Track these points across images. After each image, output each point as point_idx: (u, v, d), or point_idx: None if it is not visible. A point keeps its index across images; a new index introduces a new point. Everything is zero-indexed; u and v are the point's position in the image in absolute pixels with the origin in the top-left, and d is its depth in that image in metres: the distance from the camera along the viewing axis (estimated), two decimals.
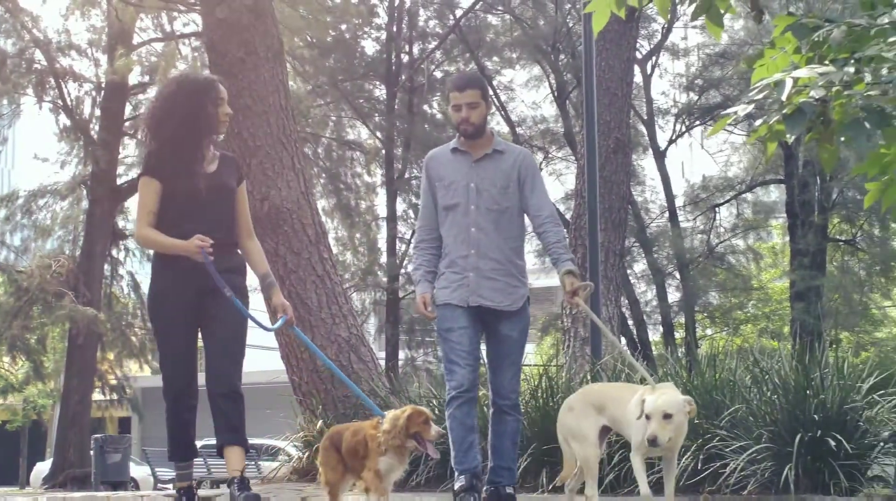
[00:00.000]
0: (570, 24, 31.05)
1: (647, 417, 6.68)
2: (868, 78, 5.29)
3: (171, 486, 17.43)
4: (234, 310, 7.31)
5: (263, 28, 12.62)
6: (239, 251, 7.60)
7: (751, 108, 5.66)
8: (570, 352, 16.25)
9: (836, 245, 32.39)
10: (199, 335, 7.50)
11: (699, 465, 9.64)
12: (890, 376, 10.26)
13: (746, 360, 10.63)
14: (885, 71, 5.26)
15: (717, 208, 34.20)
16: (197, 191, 7.25)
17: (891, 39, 5.37)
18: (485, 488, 7.90)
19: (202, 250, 7.07)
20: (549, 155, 34.03)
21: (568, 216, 23.73)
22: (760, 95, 5.59)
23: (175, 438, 7.54)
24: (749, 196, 34.31)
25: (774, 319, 36.97)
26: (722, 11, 6.58)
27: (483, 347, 8.14)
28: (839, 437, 9.26)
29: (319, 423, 12.10)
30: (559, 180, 34.16)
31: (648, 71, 33.30)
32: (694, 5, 6.56)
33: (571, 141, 30.99)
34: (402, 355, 32.03)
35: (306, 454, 12.19)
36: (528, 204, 7.83)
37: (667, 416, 6.63)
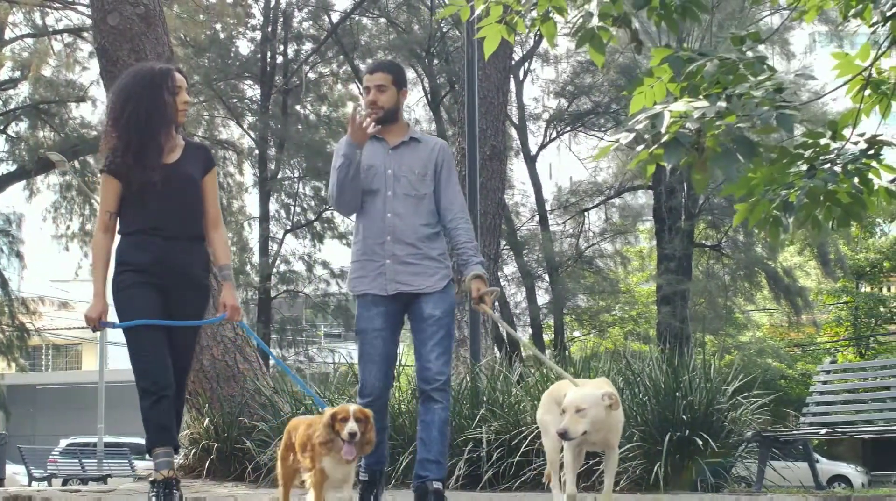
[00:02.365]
0: (445, 30, 31.51)
1: (563, 411, 6.63)
2: (739, 111, 5.79)
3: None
4: (196, 308, 7.24)
5: (154, 36, 12.85)
6: (204, 244, 7.37)
7: (632, 136, 6.11)
8: None
9: (701, 250, 33.12)
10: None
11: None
12: (754, 379, 10.87)
13: (619, 362, 11.12)
14: (751, 109, 5.77)
15: (586, 213, 34.83)
16: (154, 183, 7.05)
17: (759, 78, 5.88)
18: (411, 483, 7.74)
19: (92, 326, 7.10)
20: None
21: None
22: (641, 125, 6.05)
23: (152, 424, 7.18)
24: (617, 201, 35.00)
25: (641, 321, 37.79)
26: (605, 41, 7.04)
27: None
28: (706, 436, 9.81)
29: (206, 421, 12.35)
30: None
31: (521, 77, 33.87)
32: (578, 35, 7.01)
33: None
34: (273, 353, 32.10)
35: (192, 451, 12.40)
36: (441, 196, 7.67)
37: (579, 410, 6.52)
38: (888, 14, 5.82)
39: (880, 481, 29.29)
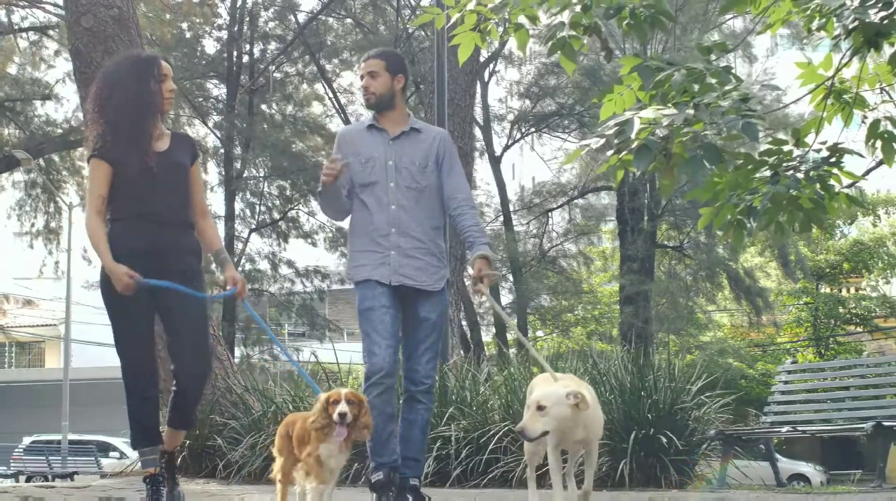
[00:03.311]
0: (411, 31, 31.66)
1: (528, 408, 6.50)
2: (706, 119, 6.00)
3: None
4: (187, 305, 7.06)
5: (128, 38, 12.99)
6: (194, 232, 7.31)
7: (602, 141, 6.30)
8: None
9: (663, 251, 33.31)
10: (159, 319, 7.22)
11: (541, 460, 10.30)
12: (717, 378, 11.10)
13: (586, 362, 11.31)
14: (717, 117, 5.98)
15: (549, 213, 35.02)
16: (148, 170, 7.01)
17: (726, 88, 6.09)
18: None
19: (128, 286, 6.81)
20: None
21: None
22: (611, 131, 6.24)
23: (138, 424, 7.19)
24: (581, 202, 35.20)
25: (604, 321, 38.02)
26: (576, 49, 7.23)
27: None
28: (670, 435, 10.03)
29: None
30: None
31: (486, 78, 34.04)
32: (550, 43, 7.20)
33: None
34: (237, 352, 32.23)
35: None
36: (445, 185, 7.58)
37: (540, 408, 6.36)
38: (850, 27, 6.02)
39: (838, 480, 29.55)
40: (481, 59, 32.21)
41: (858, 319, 40.40)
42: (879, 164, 17.88)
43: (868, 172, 22.29)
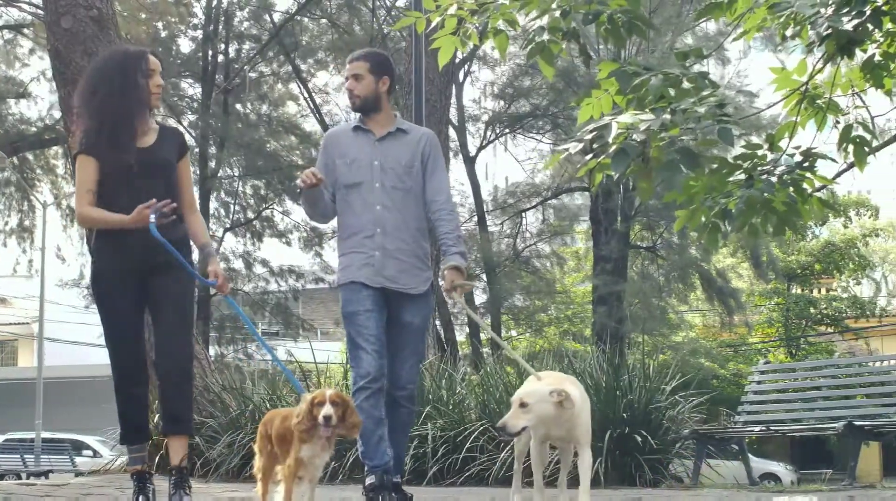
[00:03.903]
0: (386, 31, 31.72)
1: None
2: (683, 124, 6.12)
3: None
4: (181, 289, 7.05)
5: (107, 38, 13.04)
6: (182, 225, 7.20)
7: (580, 146, 6.42)
8: None
9: (637, 251, 33.41)
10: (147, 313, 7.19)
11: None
12: (691, 378, 11.24)
13: (562, 361, 11.44)
14: (694, 122, 6.10)
15: (523, 214, 35.11)
16: (129, 166, 6.93)
17: (703, 93, 6.21)
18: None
19: (150, 215, 6.75)
20: None
21: None
22: (590, 135, 6.36)
23: (125, 421, 7.14)
24: (555, 202, 35.30)
25: (576, 321, 38.14)
26: (555, 54, 7.35)
27: None
28: (645, 434, 10.17)
29: (155, 417, 12.53)
30: None
31: (461, 79, 34.12)
32: (529, 47, 7.32)
33: None
34: (211, 351, 32.25)
35: None
36: (427, 187, 7.55)
37: (523, 405, 6.31)
38: (824, 34, 6.15)
39: (808, 479, 29.79)
40: (456, 61, 32.31)
41: (829, 319, 40.68)
42: (850, 166, 18.07)
43: (838, 174, 22.50)
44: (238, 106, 33.88)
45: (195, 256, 7.57)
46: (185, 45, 33.74)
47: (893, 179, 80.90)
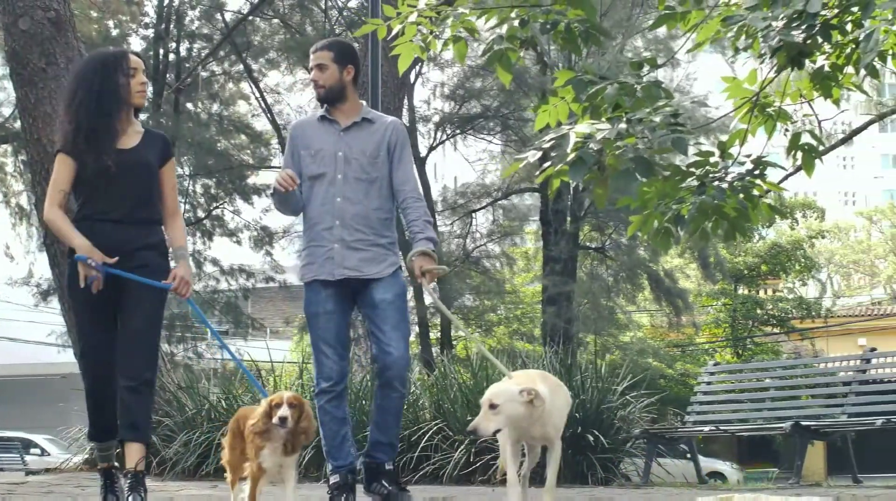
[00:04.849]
0: (338, 32, 31.79)
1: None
2: (638, 134, 6.31)
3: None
4: (152, 297, 7.04)
5: (64, 40, 13.13)
6: (161, 229, 7.24)
7: (540, 154, 6.59)
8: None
9: (586, 252, 33.59)
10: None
11: (471, 458, 10.58)
12: (642, 379, 11.44)
13: (515, 362, 11.59)
14: (649, 132, 6.29)
15: (473, 214, 35.21)
16: (107, 167, 6.95)
17: (659, 104, 6.40)
18: (364, 460, 7.55)
19: (91, 272, 6.81)
20: None
21: None
22: (549, 145, 6.53)
23: (96, 421, 7.19)
24: (505, 203, 35.42)
25: (525, 321, 38.29)
26: (512, 61, 7.52)
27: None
28: (597, 433, 10.35)
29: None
30: None
31: (412, 79, 34.18)
32: (488, 55, 7.48)
33: None
34: (163, 349, 32.14)
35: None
36: (394, 176, 7.50)
37: (492, 406, 6.24)
38: (776, 47, 6.35)
39: (753, 477, 30.09)
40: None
41: (775, 320, 41.01)
42: (797, 170, 18.31)
43: (785, 178, 22.77)
44: (189, 105, 33.80)
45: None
46: (136, 44, 33.56)
47: (839, 181, 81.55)
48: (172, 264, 7.26)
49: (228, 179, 32.78)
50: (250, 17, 33.20)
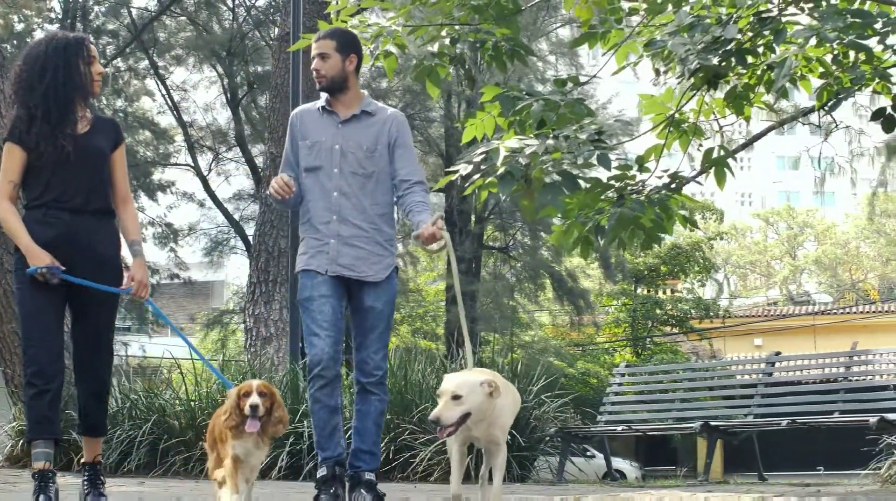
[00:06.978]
0: (246, 31, 31.95)
1: (439, 397, 6.09)
2: (564, 149, 6.66)
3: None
4: (109, 301, 6.90)
5: None
6: (114, 220, 7.02)
7: (471, 167, 6.91)
8: (251, 351, 17.05)
9: (490, 252, 33.93)
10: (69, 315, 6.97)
11: (391, 455, 10.82)
12: (556, 380, 11.79)
13: (434, 362, 11.84)
14: (574, 148, 6.65)
15: None
16: (65, 155, 6.73)
17: (585, 121, 6.76)
18: (347, 472, 7.30)
19: (45, 274, 6.61)
20: (220, 155, 34.74)
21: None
22: (479, 158, 6.86)
23: (34, 417, 6.80)
24: None
25: (428, 320, 38.58)
26: (441, 77, 7.84)
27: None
28: (513, 432, 10.64)
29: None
30: (227, 181, 34.99)
31: None
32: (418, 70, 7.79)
33: (242, 143, 32.12)
34: None
35: (20, 442, 12.63)
36: (396, 168, 7.27)
37: (455, 397, 5.97)
38: (693, 69, 6.73)
39: (651, 475, 30.58)
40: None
41: (674, 320, 41.60)
42: (700, 173, 18.74)
43: (686, 181, 23.25)
44: (93, 101, 33.62)
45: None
46: None
47: (736, 183, 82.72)
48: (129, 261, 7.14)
49: (133, 175, 32.71)
50: (156, 14, 33.18)
